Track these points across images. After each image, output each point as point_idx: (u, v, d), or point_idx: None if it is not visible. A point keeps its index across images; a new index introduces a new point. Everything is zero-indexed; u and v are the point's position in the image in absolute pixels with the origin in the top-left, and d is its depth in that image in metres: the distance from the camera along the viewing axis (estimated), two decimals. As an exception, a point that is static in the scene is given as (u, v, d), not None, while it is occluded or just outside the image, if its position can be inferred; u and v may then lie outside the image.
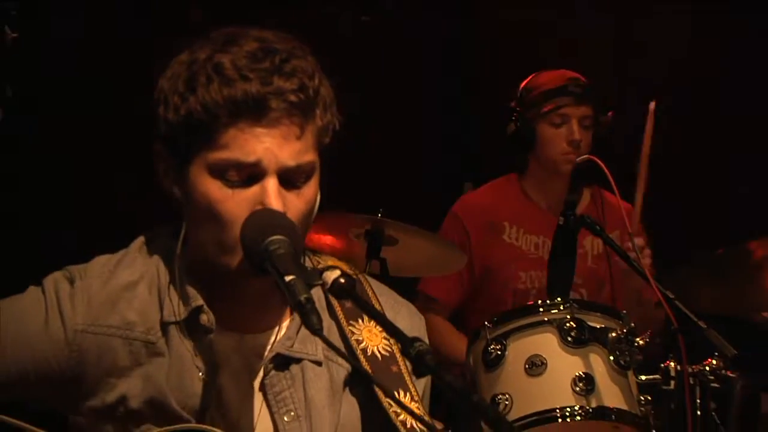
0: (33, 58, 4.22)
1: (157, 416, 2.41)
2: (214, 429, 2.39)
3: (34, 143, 4.82)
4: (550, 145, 4.65)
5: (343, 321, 2.47)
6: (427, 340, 2.41)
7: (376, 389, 2.40)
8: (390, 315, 2.49)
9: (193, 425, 2.41)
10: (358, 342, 2.47)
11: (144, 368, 2.42)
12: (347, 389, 2.50)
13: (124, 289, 2.45)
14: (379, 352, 2.48)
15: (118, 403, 2.40)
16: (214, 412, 2.44)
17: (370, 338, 2.48)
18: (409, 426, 2.40)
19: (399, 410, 2.40)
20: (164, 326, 2.43)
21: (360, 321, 2.48)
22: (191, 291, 2.45)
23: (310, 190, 2.37)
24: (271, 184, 2.31)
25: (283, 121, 2.31)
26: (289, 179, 2.33)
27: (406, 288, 4.58)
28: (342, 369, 2.47)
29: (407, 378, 2.46)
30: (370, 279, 2.62)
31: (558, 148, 4.63)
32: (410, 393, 2.44)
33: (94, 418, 2.44)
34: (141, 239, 2.55)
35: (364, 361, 2.43)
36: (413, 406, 2.41)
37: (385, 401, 2.40)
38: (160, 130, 2.37)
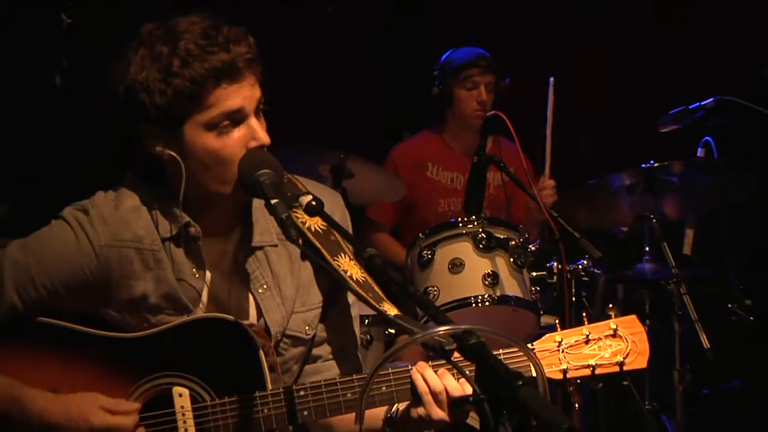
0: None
1: (170, 307, 2.53)
2: (220, 315, 2.52)
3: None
4: (464, 105, 4.99)
5: (297, 215, 2.51)
6: (343, 211, 2.71)
7: (325, 254, 2.50)
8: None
9: (205, 315, 2.54)
10: (303, 224, 2.53)
11: (154, 272, 2.53)
12: (301, 259, 2.63)
13: (131, 212, 2.55)
14: (320, 228, 2.55)
15: (140, 299, 2.52)
16: (211, 301, 2.57)
17: (311, 221, 2.55)
18: (350, 276, 2.48)
19: (343, 266, 2.49)
20: (163, 240, 2.54)
21: (324, 223, 2.55)
22: (179, 213, 2.54)
23: (263, 120, 2.53)
24: (254, 122, 2.47)
25: (247, 74, 2.44)
26: (257, 112, 2.49)
27: (360, 214, 4.80)
28: (296, 246, 2.44)
29: (343, 244, 2.54)
30: (300, 178, 2.68)
31: (470, 107, 4.97)
32: (348, 255, 2.53)
33: (120, 310, 2.54)
34: (124, 181, 2.62)
35: (312, 237, 2.53)
36: (350, 263, 2.51)
37: (333, 261, 2.49)
38: (148, 114, 2.43)
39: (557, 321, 4.00)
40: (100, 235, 2.52)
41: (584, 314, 3.70)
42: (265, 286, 2.60)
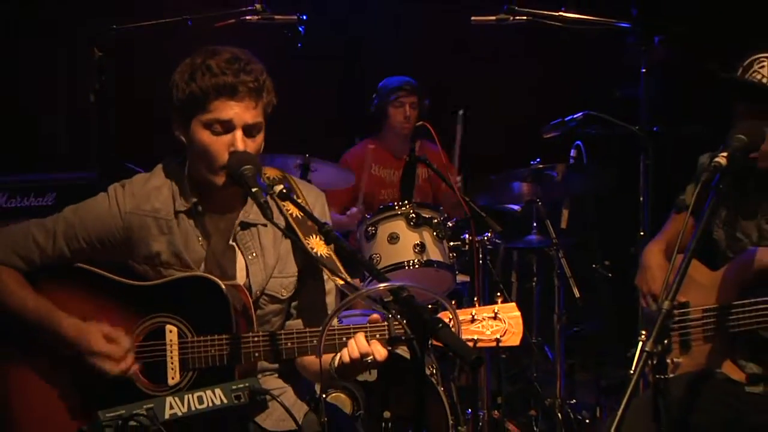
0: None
1: (178, 264, 2.52)
2: (205, 274, 2.47)
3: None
4: (394, 118, 4.92)
5: (280, 202, 2.49)
6: (327, 208, 2.67)
7: (300, 234, 2.48)
8: (305, 195, 2.62)
9: (200, 273, 2.50)
10: (286, 209, 2.52)
11: (167, 236, 2.52)
12: (283, 237, 2.57)
13: (153, 190, 2.55)
14: (299, 216, 2.52)
15: (155, 255, 2.52)
16: (210, 262, 2.54)
17: (294, 210, 2.52)
18: (317, 253, 2.46)
19: (311, 245, 2.47)
20: (176, 213, 2.53)
21: (292, 206, 2.50)
22: (189, 193, 2.54)
23: (260, 138, 2.48)
24: (239, 134, 2.42)
25: (245, 98, 2.41)
26: (248, 132, 2.44)
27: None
28: (281, 226, 2.44)
29: (315, 229, 2.48)
30: (296, 179, 2.69)
31: (398, 120, 4.91)
32: (319, 236, 2.47)
33: (141, 263, 2.54)
34: (161, 164, 2.62)
35: (293, 221, 2.51)
36: (319, 243, 2.48)
37: (305, 241, 2.47)
38: (175, 103, 2.47)
39: (469, 278, 4.21)
40: (127, 205, 2.53)
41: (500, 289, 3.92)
42: (253, 254, 2.57)
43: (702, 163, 2.78)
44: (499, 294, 2.48)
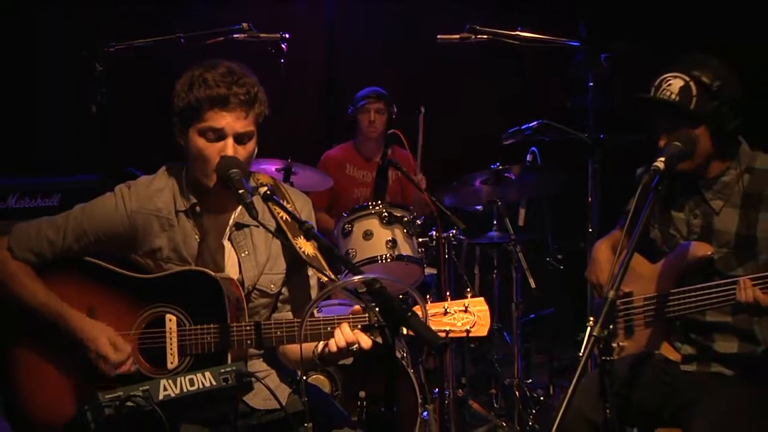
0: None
1: (177, 258, 2.51)
2: (203, 269, 2.46)
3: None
4: (362, 124, 4.88)
5: (272, 209, 2.49)
6: (312, 213, 2.63)
7: (288, 234, 2.45)
8: (294, 200, 2.60)
9: (197, 267, 2.48)
10: (277, 212, 2.48)
11: (167, 233, 2.50)
12: (273, 237, 2.55)
13: (156, 191, 2.53)
14: (288, 220, 2.48)
15: (157, 250, 2.50)
16: (206, 258, 2.52)
17: (284, 213, 2.48)
18: (304, 252, 2.44)
19: (299, 245, 2.45)
20: (177, 213, 2.51)
21: (278, 207, 2.48)
22: (188, 194, 2.52)
23: (250, 146, 2.46)
24: (230, 141, 2.40)
25: (236, 109, 2.39)
26: (239, 139, 2.42)
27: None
28: (271, 227, 2.46)
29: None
30: (286, 186, 2.67)
31: (365, 125, 4.86)
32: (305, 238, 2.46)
33: (143, 257, 2.52)
34: (164, 168, 2.60)
35: (283, 224, 2.48)
36: (306, 243, 2.46)
37: (293, 241, 2.45)
38: (175, 111, 2.45)
39: (436, 271, 4.22)
40: (132, 204, 2.50)
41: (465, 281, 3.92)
42: (246, 252, 2.55)
43: (639, 174, 2.81)
44: (468, 289, 2.48)
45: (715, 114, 2.55)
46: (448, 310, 2.37)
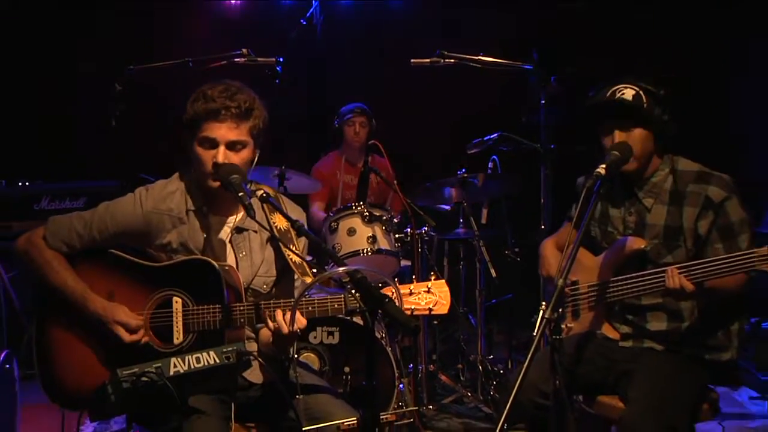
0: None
1: (184, 251, 2.48)
2: (206, 258, 2.44)
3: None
4: (347, 135, 4.83)
5: (269, 215, 2.46)
6: (305, 223, 2.57)
7: (280, 243, 2.41)
8: (290, 211, 2.51)
9: (200, 256, 2.46)
10: (273, 222, 2.46)
11: (178, 229, 2.48)
12: (268, 243, 2.54)
13: (169, 193, 2.51)
14: (282, 227, 2.47)
15: (167, 244, 2.48)
16: (209, 252, 2.49)
17: (280, 221, 2.47)
18: (294, 260, 2.42)
19: (289, 253, 2.42)
20: (187, 211, 2.49)
21: (275, 214, 2.45)
22: (197, 196, 2.51)
23: (243, 153, 2.42)
24: (221, 149, 2.38)
25: (228, 120, 2.38)
26: (232, 147, 2.40)
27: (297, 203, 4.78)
28: (266, 234, 2.49)
29: (295, 239, 2.48)
30: (282, 196, 2.62)
31: (350, 136, 4.81)
32: (296, 247, 2.46)
33: (156, 250, 2.50)
34: (177, 173, 2.57)
35: (276, 231, 2.44)
36: (296, 251, 2.42)
37: (285, 250, 2.42)
38: (184, 123, 2.44)
39: (410, 263, 4.12)
40: (148, 204, 2.48)
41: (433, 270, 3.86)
42: (243, 253, 2.52)
43: (579, 182, 2.81)
44: (432, 273, 2.47)
45: (660, 119, 2.59)
46: (413, 291, 2.34)
